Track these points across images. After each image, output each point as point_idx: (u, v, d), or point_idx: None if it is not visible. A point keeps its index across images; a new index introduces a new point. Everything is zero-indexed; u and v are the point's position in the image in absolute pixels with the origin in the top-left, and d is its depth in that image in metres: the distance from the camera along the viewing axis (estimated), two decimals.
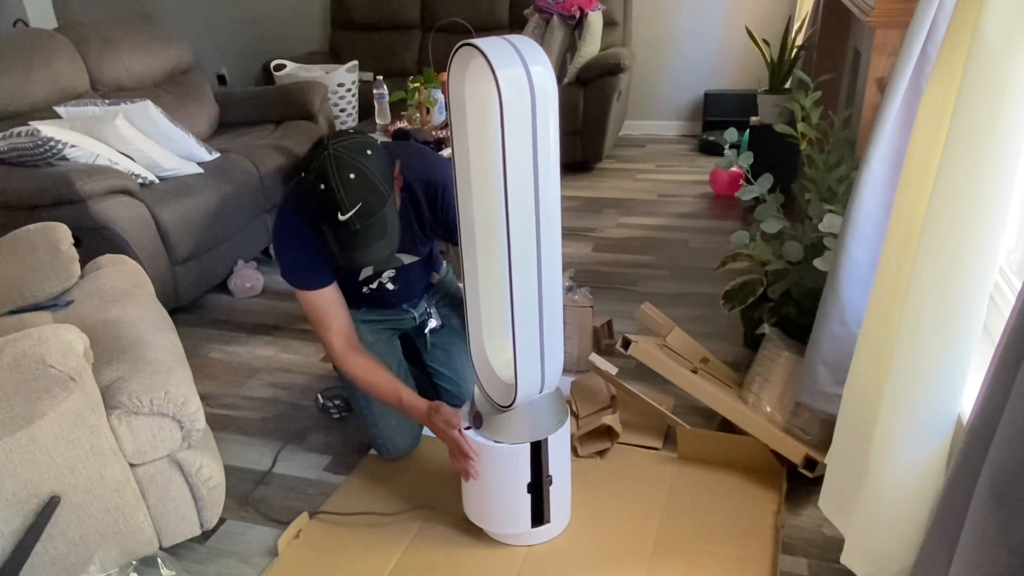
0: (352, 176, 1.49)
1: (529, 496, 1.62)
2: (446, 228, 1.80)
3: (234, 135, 3.67)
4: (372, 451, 2.04)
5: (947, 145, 1.06)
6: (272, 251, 1.75)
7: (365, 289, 1.93)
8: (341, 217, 1.50)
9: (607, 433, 1.97)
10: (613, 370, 1.98)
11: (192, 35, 5.40)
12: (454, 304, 2.12)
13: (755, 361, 1.96)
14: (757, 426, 1.82)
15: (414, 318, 2.08)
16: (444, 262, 2.16)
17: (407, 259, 1.89)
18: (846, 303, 1.51)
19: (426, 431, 2.05)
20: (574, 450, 1.95)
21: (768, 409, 1.86)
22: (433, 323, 2.08)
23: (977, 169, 1.03)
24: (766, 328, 1.95)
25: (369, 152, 1.53)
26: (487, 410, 1.58)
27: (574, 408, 2.00)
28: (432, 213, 1.79)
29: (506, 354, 1.63)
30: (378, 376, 1.77)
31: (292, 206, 1.73)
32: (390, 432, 1.95)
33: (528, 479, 1.60)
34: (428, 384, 2.17)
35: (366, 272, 1.87)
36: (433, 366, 2.12)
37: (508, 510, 1.63)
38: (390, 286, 1.95)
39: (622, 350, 1.90)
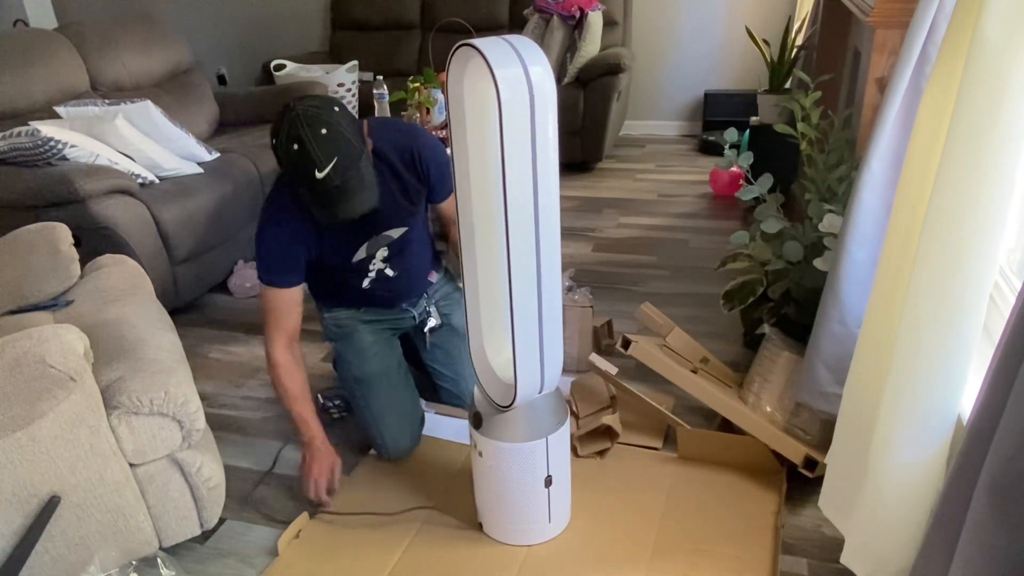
0: (324, 131, 1.49)
1: (547, 491, 1.62)
2: (431, 188, 1.84)
3: (234, 135, 3.67)
4: (372, 451, 2.04)
5: (947, 145, 1.06)
6: (256, 249, 1.79)
7: (366, 282, 1.92)
8: (319, 175, 1.49)
9: (607, 433, 1.97)
10: (613, 370, 1.98)
11: (192, 35, 5.40)
12: (453, 303, 2.12)
13: (755, 361, 1.96)
14: (757, 426, 1.82)
15: (413, 317, 2.08)
16: (443, 262, 2.16)
17: (396, 232, 1.87)
18: (846, 303, 1.51)
19: (426, 431, 2.06)
20: (574, 450, 1.95)
21: (768, 409, 1.86)
22: (432, 322, 2.08)
23: (977, 169, 1.03)
24: (766, 328, 1.95)
25: (336, 108, 1.54)
26: (487, 411, 1.58)
27: (574, 408, 2.00)
28: (414, 176, 1.80)
29: (506, 354, 1.63)
30: (295, 380, 1.83)
31: (275, 202, 1.75)
32: (390, 432, 1.95)
33: (545, 473, 1.60)
34: (428, 384, 2.17)
35: (359, 255, 1.86)
36: (433, 366, 2.12)
37: (528, 508, 1.64)
38: (389, 272, 1.93)
39: (622, 350, 1.90)
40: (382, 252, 1.90)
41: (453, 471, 1.95)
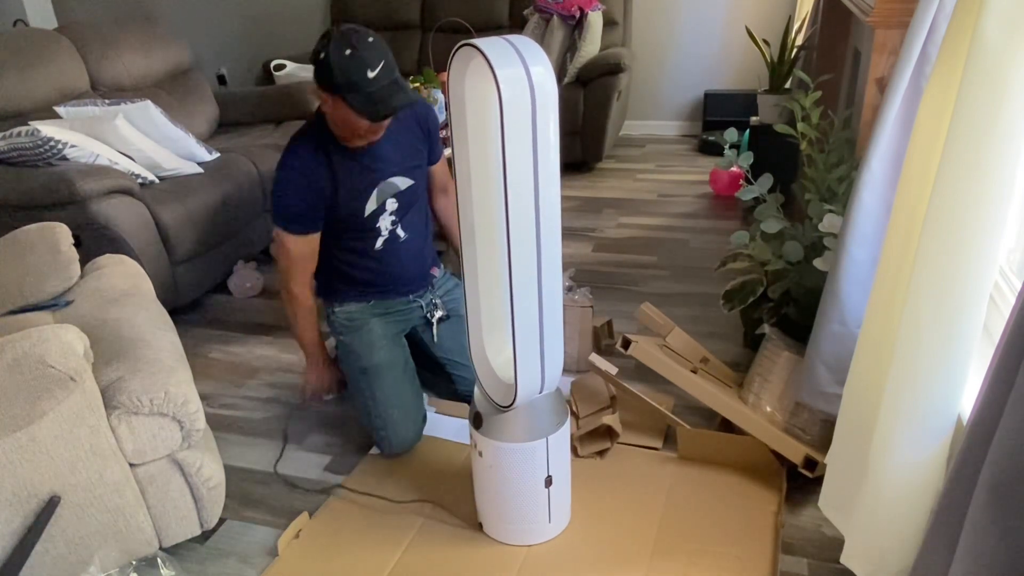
0: (370, 40, 1.69)
1: (547, 491, 1.62)
2: (431, 144, 2.03)
3: (234, 135, 3.67)
4: (373, 450, 2.04)
5: (947, 145, 1.06)
6: (274, 193, 1.89)
7: (379, 242, 1.97)
8: (371, 74, 1.67)
9: (607, 433, 1.97)
10: (613, 370, 1.98)
11: (192, 35, 5.40)
12: (458, 298, 2.15)
13: (755, 361, 1.96)
14: (757, 426, 1.82)
15: (421, 307, 2.10)
16: (441, 264, 2.18)
17: (403, 183, 1.95)
18: (846, 303, 1.51)
19: (427, 431, 2.06)
20: (574, 450, 1.95)
21: (768, 409, 1.86)
22: (440, 312, 2.12)
23: (977, 169, 1.03)
24: (766, 328, 1.95)
25: (370, 30, 1.74)
26: (487, 410, 1.58)
27: (574, 408, 2.00)
28: (419, 129, 1.98)
29: (506, 354, 1.63)
30: (309, 312, 2.00)
31: (292, 152, 1.84)
32: (394, 425, 1.95)
33: (545, 473, 1.60)
34: (441, 382, 2.17)
35: (371, 206, 1.92)
36: (445, 356, 2.13)
37: (527, 508, 1.64)
38: (401, 233, 2.00)
39: (622, 350, 1.90)
40: (392, 204, 1.95)
41: (453, 471, 1.95)
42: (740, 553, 1.63)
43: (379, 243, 1.98)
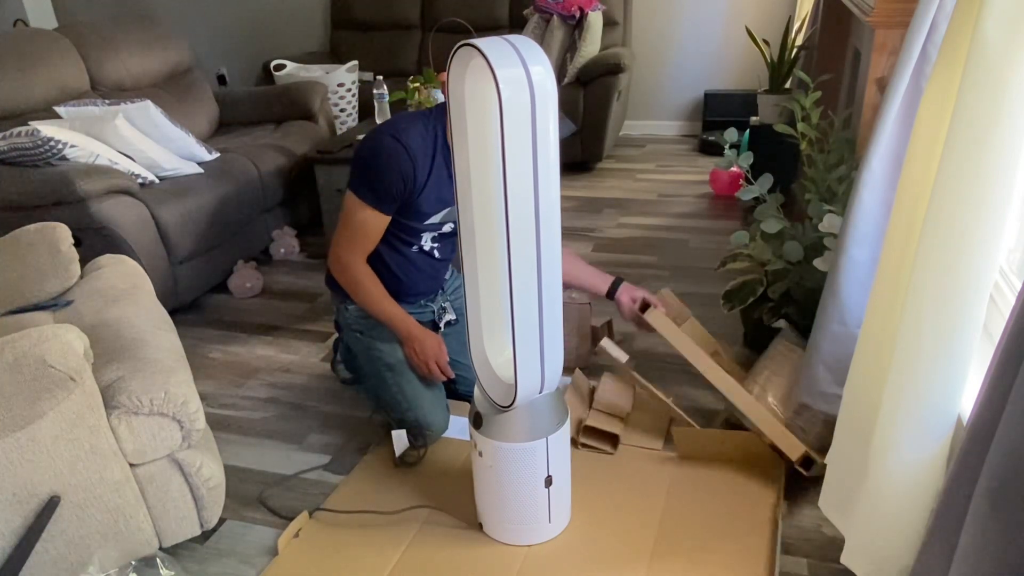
0: None
1: (547, 491, 1.62)
2: None
3: (234, 135, 3.67)
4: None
5: (947, 145, 1.06)
6: (368, 158, 1.76)
7: (414, 248, 1.96)
8: None
9: (610, 439, 1.97)
10: (624, 357, 1.97)
11: (192, 35, 5.40)
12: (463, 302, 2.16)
13: (766, 355, 1.95)
14: (761, 415, 1.81)
15: (432, 311, 2.13)
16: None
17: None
18: (846, 303, 1.51)
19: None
20: (574, 443, 1.95)
21: (771, 400, 1.85)
22: (448, 316, 2.14)
23: (977, 169, 1.03)
24: (782, 323, 1.95)
25: None
26: (487, 410, 1.58)
27: (593, 396, 1.99)
28: None
29: (506, 354, 1.63)
30: (378, 285, 1.91)
31: (407, 125, 1.76)
32: (425, 411, 1.96)
33: (545, 473, 1.60)
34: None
35: (434, 218, 1.91)
36: (451, 358, 2.13)
37: (527, 508, 1.64)
38: (436, 254, 2.02)
39: (639, 313, 1.91)
40: (447, 228, 1.97)
41: (453, 471, 1.95)
42: (740, 552, 1.63)
43: (414, 248, 1.97)
